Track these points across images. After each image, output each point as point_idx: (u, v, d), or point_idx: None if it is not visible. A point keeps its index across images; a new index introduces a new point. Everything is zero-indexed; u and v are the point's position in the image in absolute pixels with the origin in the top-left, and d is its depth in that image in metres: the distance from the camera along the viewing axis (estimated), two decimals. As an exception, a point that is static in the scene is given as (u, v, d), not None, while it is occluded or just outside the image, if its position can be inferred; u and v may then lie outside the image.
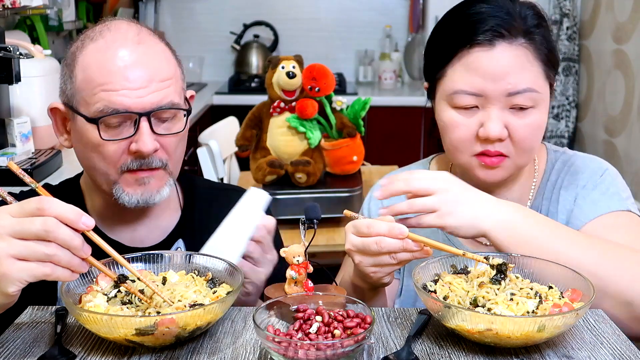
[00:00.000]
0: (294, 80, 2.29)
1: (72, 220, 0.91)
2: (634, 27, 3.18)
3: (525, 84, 1.17)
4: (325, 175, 2.47)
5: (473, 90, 1.18)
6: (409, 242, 1.04)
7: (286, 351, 0.88)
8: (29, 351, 0.96)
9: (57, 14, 3.08)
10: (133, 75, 1.13)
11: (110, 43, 1.15)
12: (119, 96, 1.12)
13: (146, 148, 1.14)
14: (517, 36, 1.17)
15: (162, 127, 1.17)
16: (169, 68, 1.19)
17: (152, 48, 1.18)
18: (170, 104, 1.16)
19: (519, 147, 1.20)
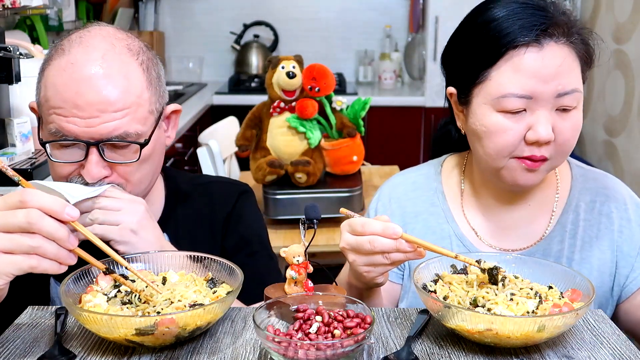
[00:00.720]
0: (294, 80, 2.29)
1: (55, 212, 0.91)
2: (634, 27, 3.18)
3: (573, 84, 1.14)
4: (325, 175, 2.47)
5: (523, 93, 1.13)
6: (403, 242, 1.04)
7: (286, 351, 0.88)
8: (29, 351, 0.96)
9: (57, 14, 3.08)
10: (84, 103, 1.10)
11: (71, 64, 1.11)
12: (68, 123, 1.11)
13: (90, 177, 1.13)
14: (560, 35, 1.14)
15: (116, 153, 1.15)
16: (130, 95, 1.13)
17: (115, 72, 1.12)
18: (124, 134, 1.12)
19: (560, 149, 1.17)
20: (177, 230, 1.32)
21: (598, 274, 1.26)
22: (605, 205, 1.28)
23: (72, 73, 1.11)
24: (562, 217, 1.28)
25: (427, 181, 1.38)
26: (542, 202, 1.30)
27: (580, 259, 1.26)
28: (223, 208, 1.37)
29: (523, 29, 1.13)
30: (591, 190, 1.30)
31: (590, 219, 1.28)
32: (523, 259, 1.12)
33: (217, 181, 1.46)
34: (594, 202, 1.28)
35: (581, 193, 1.29)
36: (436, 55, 4.01)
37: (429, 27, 4.01)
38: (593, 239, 1.26)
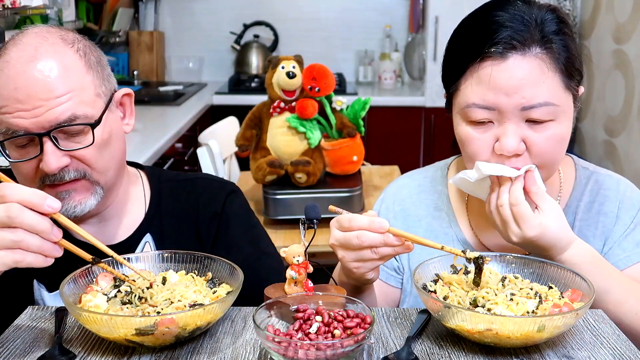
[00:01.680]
0: (294, 80, 2.29)
1: (35, 204, 0.90)
2: (634, 27, 3.17)
3: (541, 97, 1.10)
4: (325, 175, 2.47)
5: (486, 104, 1.12)
6: (390, 236, 1.03)
7: (286, 351, 0.88)
8: (29, 351, 0.96)
9: (57, 14, 3.08)
10: (24, 96, 1.10)
11: (8, 62, 1.12)
12: (14, 118, 1.10)
13: (49, 168, 1.12)
14: (531, 46, 1.11)
15: (71, 141, 1.14)
16: (69, 80, 1.13)
17: (50, 61, 1.12)
18: (72, 117, 1.12)
19: (539, 161, 1.14)
20: (162, 230, 1.31)
21: None
22: (605, 205, 1.27)
23: (8, 71, 1.11)
24: None
25: (432, 184, 1.37)
26: None
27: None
28: (209, 206, 1.35)
29: (490, 40, 1.11)
30: (592, 192, 1.29)
31: (587, 219, 1.27)
32: (523, 258, 1.12)
33: (203, 177, 1.43)
34: (592, 203, 1.27)
35: (582, 195, 1.28)
36: (436, 55, 4.01)
37: (429, 27, 4.01)
38: (590, 239, 1.24)
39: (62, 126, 1.12)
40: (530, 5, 1.15)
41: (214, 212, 1.34)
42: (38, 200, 0.90)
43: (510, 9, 1.14)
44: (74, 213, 1.16)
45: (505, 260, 1.12)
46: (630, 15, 3.24)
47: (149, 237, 1.30)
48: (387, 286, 1.34)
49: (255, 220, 1.42)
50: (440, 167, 1.40)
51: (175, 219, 1.32)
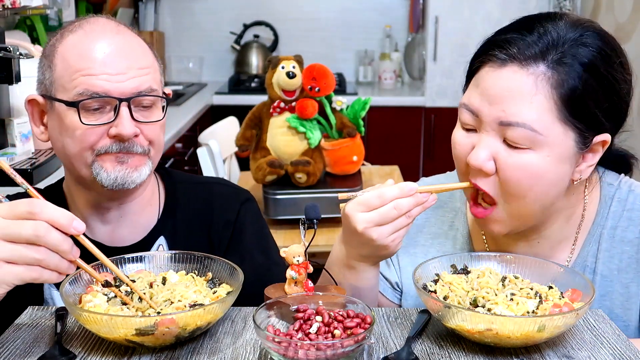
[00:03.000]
0: (294, 80, 2.29)
1: (63, 225, 0.91)
2: (634, 27, 3.17)
3: (520, 117, 1.01)
4: (325, 175, 2.47)
5: (471, 108, 1.07)
6: (419, 195, 1.05)
7: (286, 351, 0.88)
8: (29, 351, 0.96)
9: (57, 14, 3.08)
10: (112, 61, 1.15)
11: (89, 33, 1.18)
12: (98, 80, 1.14)
13: (126, 131, 1.15)
14: (534, 62, 1.02)
15: (141, 115, 1.18)
16: (147, 58, 1.21)
17: (130, 39, 1.21)
18: (150, 89, 1.18)
19: (506, 191, 1.06)
20: (175, 233, 1.31)
21: (622, 311, 1.15)
22: (629, 231, 1.15)
23: (94, 38, 1.17)
24: (584, 250, 1.17)
25: (450, 200, 1.30)
26: (559, 238, 1.18)
27: (599, 296, 1.15)
28: (223, 213, 1.35)
29: (496, 44, 1.07)
30: (615, 214, 1.16)
31: (610, 250, 1.15)
32: (523, 258, 1.12)
33: (218, 182, 1.44)
34: (615, 229, 1.16)
35: (605, 220, 1.16)
36: (436, 55, 4.01)
37: (429, 27, 4.01)
38: (614, 273, 1.15)
39: (142, 95, 1.17)
40: (572, 26, 1.05)
41: (228, 220, 1.35)
42: (66, 222, 0.91)
43: (549, 22, 1.06)
44: (132, 179, 1.18)
45: (505, 260, 1.12)
46: (630, 15, 3.24)
47: (163, 240, 1.30)
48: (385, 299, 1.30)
49: (268, 230, 1.42)
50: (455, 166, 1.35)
51: (188, 222, 1.32)
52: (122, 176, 1.17)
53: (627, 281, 1.15)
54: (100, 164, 1.17)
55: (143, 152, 1.19)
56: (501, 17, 3.92)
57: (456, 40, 3.97)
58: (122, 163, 1.17)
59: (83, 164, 1.18)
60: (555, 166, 1.04)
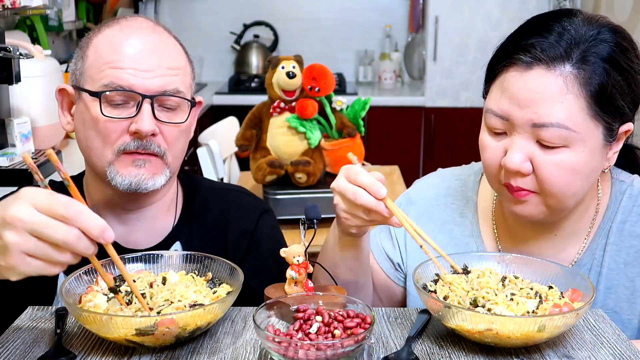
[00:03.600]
0: (294, 80, 2.29)
1: (95, 235, 0.88)
2: (634, 27, 3.18)
3: (554, 117, 1.03)
4: (325, 175, 2.47)
5: (500, 113, 1.08)
6: (381, 205, 1.03)
7: (286, 351, 0.88)
8: (29, 351, 0.96)
9: (57, 14, 3.08)
10: (142, 57, 1.16)
11: (124, 28, 1.19)
12: (124, 74, 1.14)
13: (145, 128, 1.14)
14: (560, 63, 1.04)
15: (164, 115, 1.17)
16: (179, 60, 1.21)
17: (165, 39, 1.21)
18: (175, 90, 1.17)
19: (545, 188, 1.08)
20: (191, 238, 1.29)
21: (627, 305, 1.17)
22: (637, 226, 1.17)
23: (128, 33, 1.18)
24: (593, 243, 1.19)
25: (462, 189, 1.31)
26: (573, 231, 1.20)
27: (605, 289, 1.18)
28: (240, 223, 1.33)
29: (521, 48, 1.07)
30: (624, 209, 1.19)
31: (618, 243, 1.18)
32: (523, 258, 1.12)
33: (236, 190, 1.42)
34: (624, 224, 1.18)
35: (615, 214, 1.19)
36: (436, 55, 4.01)
37: (429, 27, 4.01)
38: (620, 266, 1.17)
39: (166, 94, 1.16)
40: (589, 22, 1.08)
41: (245, 230, 1.32)
42: (98, 233, 0.88)
43: (564, 20, 1.08)
44: (146, 186, 1.17)
45: (505, 260, 1.12)
46: (630, 15, 3.24)
47: (178, 245, 1.28)
48: (387, 279, 1.32)
49: (285, 243, 1.39)
50: (475, 171, 1.34)
51: (204, 229, 1.31)
52: (137, 181, 1.16)
53: (633, 275, 1.17)
54: (115, 167, 1.16)
55: (160, 153, 1.17)
56: (501, 17, 3.93)
57: (456, 40, 3.97)
58: (139, 167, 1.16)
59: (101, 162, 1.17)
60: (589, 160, 1.07)
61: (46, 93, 2.24)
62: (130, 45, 1.16)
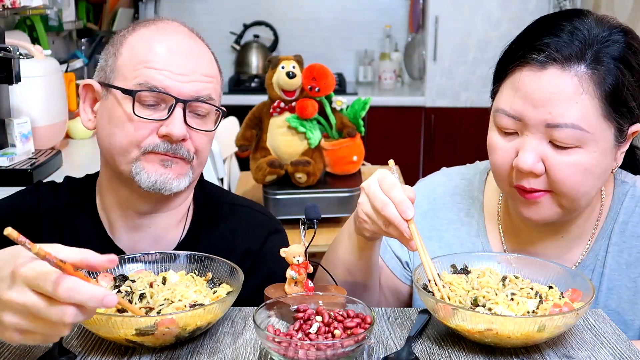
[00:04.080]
0: (294, 80, 2.29)
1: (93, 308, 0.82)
2: (634, 27, 3.17)
3: (569, 118, 1.03)
4: (325, 175, 2.47)
5: (512, 112, 1.07)
6: (404, 225, 1.02)
7: (286, 351, 0.88)
8: (29, 351, 0.96)
9: (57, 14, 3.08)
10: (178, 60, 1.15)
11: (161, 30, 1.18)
12: (160, 75, 1.13)
13: (177, 132, 1.12)
14: (574, 63, 1.04)
15: (194, 121, 1.16)
16: (213, 68, 1.21)
17: (200, 46, 1.21)
18: (208, 97, 1.17)
19: (558, 188, 1.07)
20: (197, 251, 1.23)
21: (629, 305, 1.17)
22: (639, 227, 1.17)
23: (165, 35, 1.17)
24: (596, 244, 1.19)
25: (469, 188, 1.31)
26: (579, 233, 1.20)
27: (607, 289, 1.18)
28: (246, 240, 1.29)
29: (534, 48, 1.06)
30: (627, 210, 1.19)
31: (619, 244, 1.18)
32: (523, 258, 1.12)
33: (248, 207, 1.37)
34: (626, 224, 1.18)
35: (617, 215, 1.19)
36: (436, 55, 4.01)
37: (429, 27, 4.01)
38: (622, 267, 1.17)
39: (200, 100, 1.16)
40: (600, 23, 1.08)
41: (249, 249, 1.29)
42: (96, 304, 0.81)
43: (576, 20, 1.08)
44: (171, 186, 1.15)
45: (505, 260, 1.12)
46: (630, 14, 3.24)
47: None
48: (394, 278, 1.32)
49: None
50: (481, 170, 1.33)
51: (210, 244, 1.26)
52: (162, 180, 1.14)
53: (635, 276, 1.17)
54: (142, 163, 1.14)
55: (188, 158, 1.16)
56: (501, 17, 3.92)
57: (456, 40, 3.97)
58: (166, 167, 1.15)
59: (125, 160, 1.15)
60: (601, 160, 1.08)
61: (46, 93, 2.24)
62: (167, 47, 1.15)
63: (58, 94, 2.33)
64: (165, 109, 1.14)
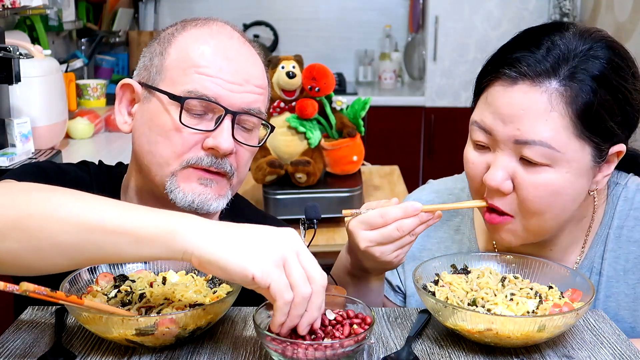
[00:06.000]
0: (294, 80, 2.29)
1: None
2: (634, 27, 3.17)
3: (537, 135, 1.00)
4: (325, 175, 2.47)
5: (483, 126, 1.05)
6: (424, 214, 1.04)
7: (286, 351, 0.88)
8: (29, 351, 0.96)
9: (57, 14, 3.08)
10: (232, 68, 1.09)
11: (215, 33, 1.12)
12: (212, 83, 1.07)
13: (225, 145, 1.06)
14: (546, 79, 1.00)
15: (240, 135, 1.11)
16: (264, 79, 1.15)
17: (254, 55, 1.16)
18: (259, 110, 1.12)
19: (524, 208, 1.04)
20: None
21: (628, 313, 1.14)
22: (635, 231, 1.13)
23: (219, 40, 1.11)
24: (591, 251, 1.16)
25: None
26: (569, 242, 1.17)
27: (605, 297, 1.15)
28: None
29: (505, 62, 1.04)
30: (621, 213, 1.15)
31: (616, 250, 1.14)
32: (523, 258, 1.12)
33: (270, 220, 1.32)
34: (621, 229, 1.14)
35: (612, 219, 1.15)
36: (436, 55, 4.01)
37: (429, 27, 4.01)
38: (619, 273, 1.14)
39: (250, 113, 1.10)
40: (580, 37, 1.04)
41: None
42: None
43: (555, 35, 1.04)
44: (209, 207, 1.09)
45: (505, 260, 1.12)
46: (630, 14, 3.24)
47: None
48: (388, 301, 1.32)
49: None
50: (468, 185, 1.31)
51: None
52: (201, 200, 1.08)
53: (634, 282, 1.14)
54: (178, 180, 1.08)
55: (229, 173, 1.10)
56: (501, 17, 3.92)
57: (456, 40, 3.97)
58: (205, 186, 1.09)
59: (162, 172, 1.08)
60: (573, 182, 1.03)
61: (46, 93, 2.24)
62: (222, 52, 1.09)
63: (58, 94, 2.33)
64: (213, 119, 1.08)
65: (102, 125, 2.82)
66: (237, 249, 0.84)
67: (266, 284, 0.83)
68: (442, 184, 1.34)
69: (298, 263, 0.86)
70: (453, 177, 1.34)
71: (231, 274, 0.84)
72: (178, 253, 0.85)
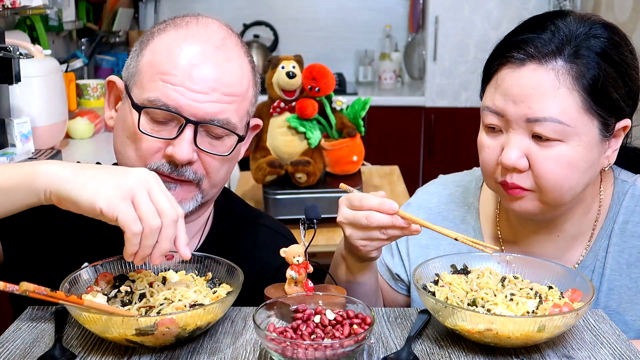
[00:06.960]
0: (294, 80, 2.28)
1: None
2: (634, 27, 3.17)
3: (548, 112, 1.05)
4: (325, 175, 2.47)
5: (495, 109, 1.10)
6: (398, 218, 1.03)
7: (286, 351, 0.88)
8: (29, 351, 0.96)
9: (57, 14, 3.08)
10: (197, 76, 1.07)
11: (190, 37, 1.09)
12: (174, 92, 1.06)
13: (180, 156, 1.06)
14: (552, 58, 1.06)
15: (206, 142, 1.10)
16: (241, 85, 1.12)
17: (231, 59, 1.11)
18: (225, 121, 1.09)
19: (541, 183, 1.08)
20: None
21: (629, 306, 1.17)
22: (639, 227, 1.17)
23: (192, 44, 1.08)
24: (596, 244, 1.20)
25: (464, 195, 1.32)
26: (576, 233, 1.20)
27: (608, 290, 1.18)
28: (260, 259, 1.25)
29: (514, 46, 1.09)
30: (627, 210, 1.19)
31: (620, 244, 1.18)
32: (523, 258, 1.12)
33: (271, 228, 1.33)
34: (626, 224, 1.18)
35: (617, 215, 1.19)
36: (436, 55, 4.01)
37: (429, 27, 4.01)
38: (622, 267, 1.17)
39: (214, 124, 1.08)
40: (581, 21, 1.10)
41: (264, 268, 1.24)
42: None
43: (558, 20, 1.10)
44: None
45: (505, 260, 1.12)
46: (630, 14, 3.24)
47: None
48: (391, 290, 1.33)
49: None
50: (477, 177, 1.34)
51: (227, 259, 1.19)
52: None
53: (636, 276, 1.17)
54: None
55: (194, 179, 1.10)
56: (501, 17, 3.92)
57: (456, 40, 3.97)
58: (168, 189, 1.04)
59: None
60: (586, 154, 1.08)
61: (46, 93, 2.24)
62: (189, 59, 1.07)
63: (58, 94, 2.33)
64: (176, 126, 1.08)
65: (102, 125, 2.82)
66: (87, 185, 0.91)
67: (113, 216, 0.90)
68: (450, 177, 1.38)
69: (147, 197, 0.91)
70: (463, 172, 1.38)
71: (82, 208, 0.91)
72: (40, 193, 0.94)
